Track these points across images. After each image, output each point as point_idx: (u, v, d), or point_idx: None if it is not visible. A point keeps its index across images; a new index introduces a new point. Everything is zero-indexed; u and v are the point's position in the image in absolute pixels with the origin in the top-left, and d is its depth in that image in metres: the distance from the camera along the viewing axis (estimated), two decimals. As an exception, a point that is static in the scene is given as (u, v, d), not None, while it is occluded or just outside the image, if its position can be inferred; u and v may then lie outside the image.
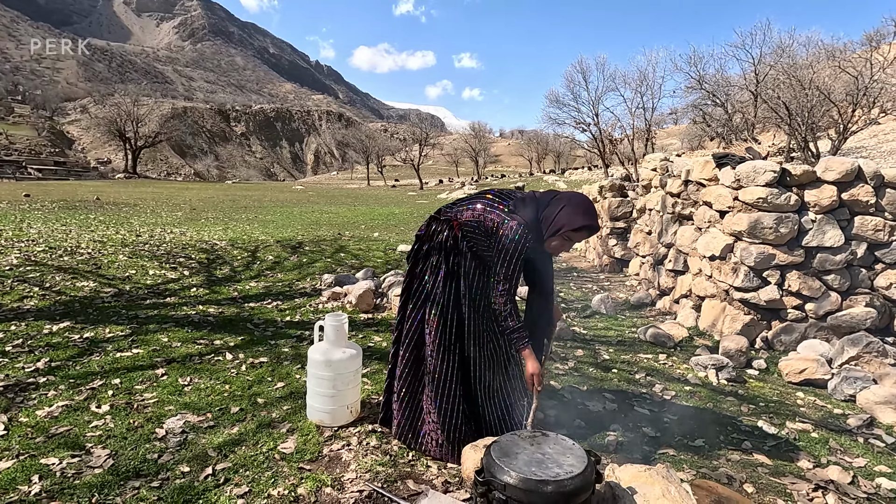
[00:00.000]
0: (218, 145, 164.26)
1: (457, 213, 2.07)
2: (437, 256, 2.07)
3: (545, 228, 1.94)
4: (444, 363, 2.03)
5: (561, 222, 1.90)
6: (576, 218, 1.89)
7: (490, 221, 1.96)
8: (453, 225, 2.05)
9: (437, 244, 2.07)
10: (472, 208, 2.04)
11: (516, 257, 1.90)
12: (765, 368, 3.36)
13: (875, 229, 3.58)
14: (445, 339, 2.02)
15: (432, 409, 2.05)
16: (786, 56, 21.64)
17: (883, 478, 2.10)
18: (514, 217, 1.92)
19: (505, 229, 1.90)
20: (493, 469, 1.42)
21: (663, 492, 1.55)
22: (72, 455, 1.96)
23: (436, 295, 2.03)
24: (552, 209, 1.93)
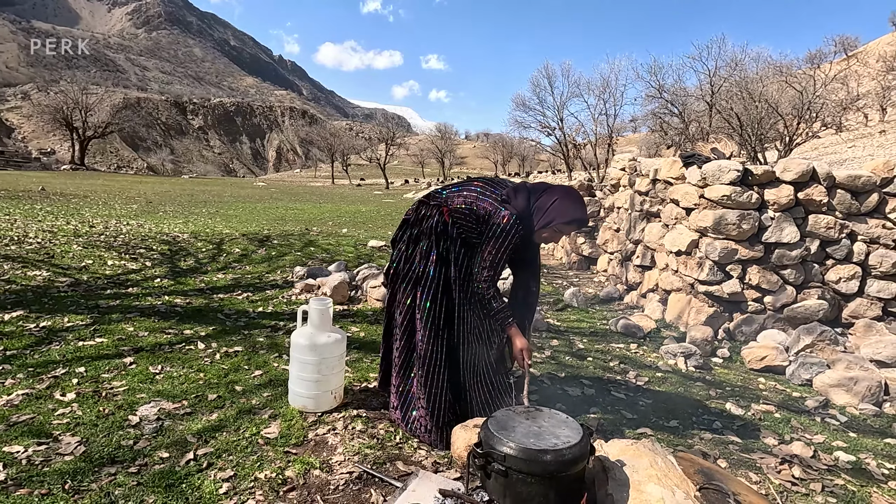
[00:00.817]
0: (173, 139, 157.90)
1: (447, 199, 2.08)
2: (426, 241, 2.06)
3: (537, 219, 1.97)
4: (435, 348, 2.02)
5: (553, 214, 1.94)
6: (567, 211, 1.94)
7: (482, 209, 1.98)
8: (443, 210, 2.05)
9: (427, 228, 2.06)
10: (464, 195, 2.05)
11: (506, 246, 1.94)
12: (728, 357, 3.53)
13: (827, 227, 3.83)
14: (436, 324, 2.01)
15: (422, 394, 2.04)
16: (738, 70, 22.84)
17: (840, 451, 2.25)
18: (507, 206, 1.95)
19: (498, 218, 1.93)
20: (492, 441, 1.43)
21: (651, 463, 1.61)
22: (38, 443, 1.84)
23: (427, 279, 2.02)
24: (545, 201, 1.96)
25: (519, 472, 1.36)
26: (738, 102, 21.03)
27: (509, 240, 1.92)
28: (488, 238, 1.95)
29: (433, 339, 2.01)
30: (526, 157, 64.66)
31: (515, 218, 1.92)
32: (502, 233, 1.92)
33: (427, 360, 2.01)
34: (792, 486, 1.94)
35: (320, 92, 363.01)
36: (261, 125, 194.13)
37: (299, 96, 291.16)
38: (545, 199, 1.96)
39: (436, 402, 2.02)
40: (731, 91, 21.19)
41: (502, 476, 1.39)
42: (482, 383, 2.14)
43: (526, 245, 2.08)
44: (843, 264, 3.88)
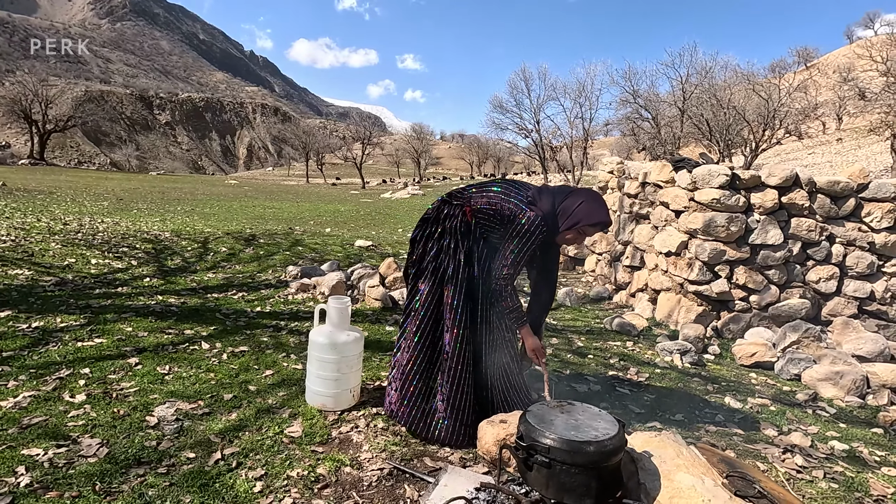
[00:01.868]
0: (139, 134, 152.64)
1: (470, 199, 2.10)
2: (451, 240, 2.07)
3: (562, 221, 2.01)
4: (461, 348, 2.03)
5: (579, 216, 1.98)
6: (593, 213, 1.99)
7: (507, 210, 2.01)
8: (466, 210, 2.08)
9: (451, 228, 2.07)
10: (488, 195, 2.08)
11: (529, 245, 1.98)
12: (719, 353, 3.68)
13: (808, 230, 4.03)
14: (464, 323, 2.04)
15: (446, 393, 2.05)
16: (708, 77, 23.62)
17: (835, 441, 2.39)
18: (533, 208, 1.99)
19: (523, 217, 1.97)
20: (534, 434, 1.48)
21: (677, 453, 1.68)
22: (57, 445, 1.79)
23: (457, 279, 2.03)
24: (570, 203, 2.01)
25: (563, 463, 1.41)
26: (708, 109, 21.78)
27: (534, 239, 1.97)
28: (512, 236, 1.99)
29: (463, 339, 2.03)
30: (501, 158, 65.19)
31: (541, 219, 1.96)
32: (527, 232, 1.96)
33: (456, 360, 2.03)
34: (797, 473, 2.05)
35: (293, 89, 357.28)
36: (231, 122, 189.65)
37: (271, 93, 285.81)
38: (570, 202, 2.00)
39: (461, 402, 2.04)
40: (702, 98, 21.93)
41: (545, 467, 1.44)
42: (501, 379, 2.17)
43: (547, 247, 2.13)
44: (823, 265, 4.09)
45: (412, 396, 2.09)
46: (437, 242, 2.10)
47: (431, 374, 2.11)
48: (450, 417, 2.03)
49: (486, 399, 2.14)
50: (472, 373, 2.07)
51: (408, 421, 2.08)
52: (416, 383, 2.09)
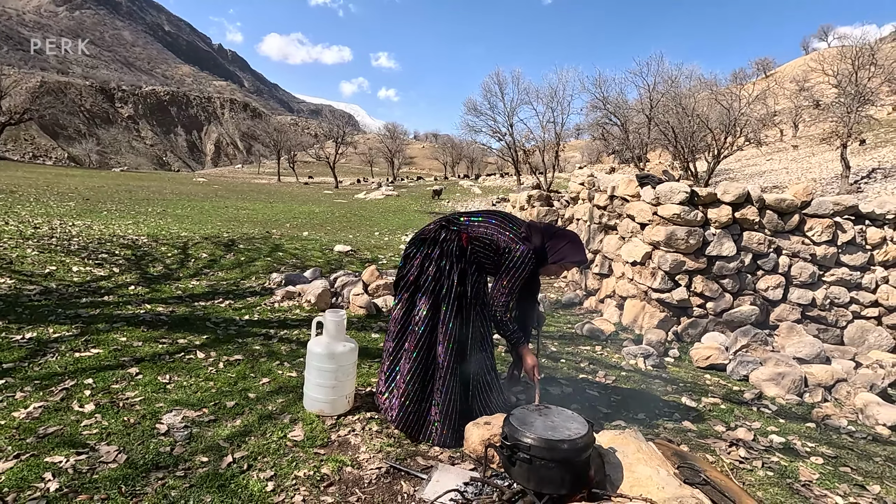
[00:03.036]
0: (99, 128, 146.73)
1: (468, 227, 2.36)
2: (447, 261, 2.29)
3: (550, 255, 2.35)
4: (451, 359, 2.26)
5: (564, 254, 2.36)
6: (576, 253, 2.38)
7: (503, 242, 2.31)
8: (462, 237, 2.32)
9: (448, 251, 2.29)
10: (485, 226, 2.35)
11: (521, 275, 2.29)
12: (678, 356, 4.03)
13: (758, 242, 4.42)
14: (454, 337, 2.27)
15: (439, 400, 2.27)
16: (674, 86, 24.54)
17: (774, 435, 2.73)
18: (526, 243, 2.29)
19: (517, 251, 2.28)
20: (517, 434, 1.72)
21: (637, 448, 1.95)
22: (77, 453, 1.93)
23: (450, 297, 2.26)
24: (557, 242, 2.37)
25: (541, 458, 1.65)
26: (674, 116, 22.64)
27: (525, 270, 2.29)
28: (508, 268, 2.29)
29: (453, 351, 2.26)
30: (475, 159, 65.69)
31: (532, 253, 2.28)
32: (522, 264, 2.27)
33: (447, 370, 2.26)
34: (739, 464, 2.36)
35: (263, 84, 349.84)
36: (198, 117, 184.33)
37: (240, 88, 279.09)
38: (557, 241, 2.36)
39: (451, 408, 2.27)
40: (668, 106, 22.80)
41: (527, 463, 1.68)
42: (485, 394, 2.40)
43: (533, 276, 2.43)
44: (771, 275, 4.50)
45: (410, 405, 2.30)
46: (436, 263, 2.31)
47: (426, 384, 2.33)
48: (441, 422, 2.26)
49: (469, 405, 2.38)
50: (459, 381, 2.31)
51: (406, 426, 2.30)
52: (413, 393, 2.31)
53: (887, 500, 2.14)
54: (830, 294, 4.52)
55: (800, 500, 2.10)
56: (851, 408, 3.19)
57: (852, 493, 2.19)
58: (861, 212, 4.54)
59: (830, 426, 2.96)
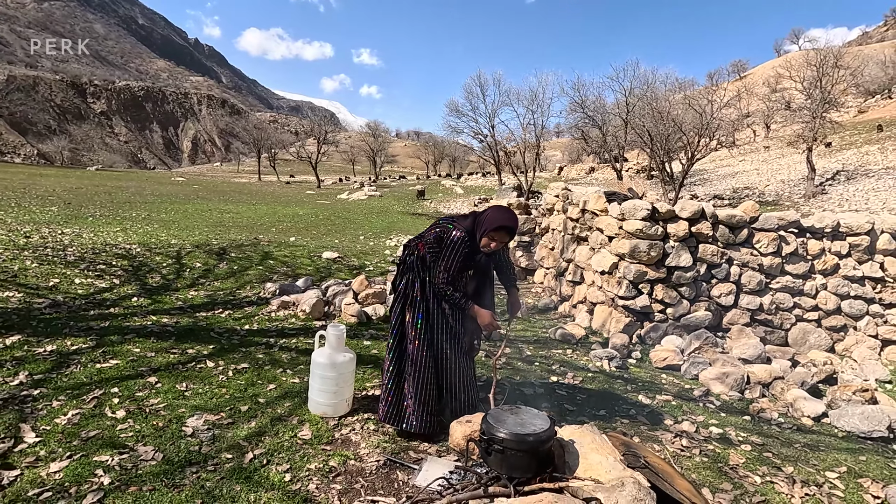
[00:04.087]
0: (70, 123, 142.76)
1: (423, 238, 2.71)
2: (411, 274, 2.69)
3: (478, 232, 2.57)
4: (422, 355, 2.64)
5: (486, 224, 2.55)
6: (495, 219, 2.54)
7: (443, 233, 2.62)
8: (419, 247, 2.69)
9: (411, 264, 2.69)
10: (433, 232, 2.67)
11: (455, 256, 2.53)
12: (640, 358, 4.48)
13: (712, 254, 4.91)
14: (420, 335, 2.64)
15: (413, 391, 2.64)
16: (649, 90, 25.31)
17: (713, 427, 3.18)
18: (456, 227, 2.59)
19: (449, 234, 2.57)
20: (492, 430, 2.11)
21: (592, 440, 2.36)
22: (119, 453, 2.26)
23: (415, 302, 2.64)
24: (482, 217, 2.60)
25: (512, 449, 2.05)
26: (649, 120, 23.39)
27: (457, 249, 2.53)
28: (444, 251, 2.57)
29: (422, 348, 2.64)
30: (457, 158, 66.08)
31: (462, 232, 2.53)
32: (452, 245, 2.54)
33: (418, 364, 2.64)
34: (681, 451, 2.81)
35: (242, 80, 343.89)
36: (174, 113, 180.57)
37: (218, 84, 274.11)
38: (482, 217, 2.60)
39: (426, 397, 2.64)
40: (644, 110, 23.55)
41: (500, 453, 2.07)
42: (458, 386, 2.75)
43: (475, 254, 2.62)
44: (724, 283, 4.99)
45: (388, 397, 2.69)
46: (404, 277, 2.73)
47: (402, 379, 2.70)
48: (417, 410, 2.63)
49: (444, 401, 2.74)
50: (433, 373, 2.68)
51: (386, 416, 2.69)
52: (390, 386, 2.69)
53: (796, 478, 2.60)
54: (776, 300, 5.03)
55: (727, 480, 2.55)
56: (783, 402, 3.67)
57: (770, 473, 2.65)
58: (803, 226, 5.07)
59: (763, 418, 3.44)
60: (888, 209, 15.53)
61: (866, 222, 5.04)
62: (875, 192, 17.81)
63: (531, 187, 27.12)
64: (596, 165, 41.26)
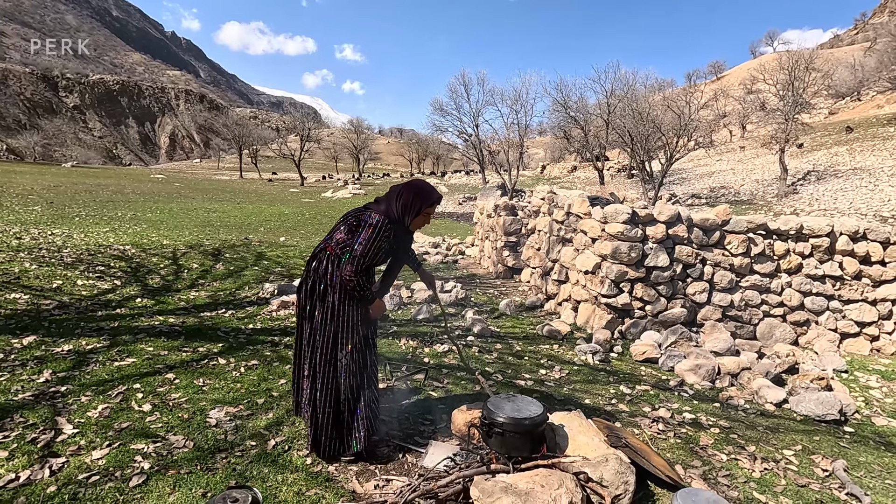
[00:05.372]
0: (42, 118, 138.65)
1: (328, 240, 2.45)
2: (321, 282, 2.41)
3: (408, 213, 2.41)
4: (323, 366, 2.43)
5: (419, 203, 2.42)
6: (427, 197, 2.45)
7: (355, 222, 2.40)
8: (328, 249, 2.42)
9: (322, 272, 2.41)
10: (340, 229, 2.43)
11: (375, 238, 2.29)
12: (621, 352, 4.82)
13: (687, 255, 5.27)
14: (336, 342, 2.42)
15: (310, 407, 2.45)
16: (630, 91, 25.90)
17: (687, 413, 3.52)
18: (374, 211, 2.39)
19: (367, 219, 2.35)
20: (492, 415, 2.39)
21: (579, 424, 2.66)
22: (153, 441, 2.48)
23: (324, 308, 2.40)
24: (406, 198, 2.41)
25: (510, 431, 2.33)
26: (630, 120, 23.97)
27: (378, 232, 2.29)
28: (359, 233, 2.31)
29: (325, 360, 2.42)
30: (441, 156, 66.28)
31: (382, 217, 2.32)
32: (374, 229, 2.29)
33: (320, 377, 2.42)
34: (658, 434, 3.13)
35: (221, 75, 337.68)
36: (151, 108, 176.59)
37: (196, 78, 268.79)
38: (406, 197, 2.41)
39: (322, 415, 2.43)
40: (625, 111, 24.12)
41: (500, 435, 2.35)
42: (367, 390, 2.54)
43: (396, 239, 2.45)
44: (698, 282, 5.36)
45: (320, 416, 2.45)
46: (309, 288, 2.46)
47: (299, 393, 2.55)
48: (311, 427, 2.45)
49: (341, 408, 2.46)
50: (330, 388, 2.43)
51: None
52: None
53: (757, 456, 2.94)
54: (745, 297, 5.42)
55: (697, 458, 2.87)
56: (750, 390, 4.04)
57: (735, 452, 2.98)
58: (769, 228, 5.47)
59: (731, 405, 3.79)
60: (854, 209, 16.32)
61: (826, 225, 5.46)
62: (843, 192, 18.63)
63: (515, 185, 27.55)
64: (578, 164, 41.94)
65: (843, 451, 3.15)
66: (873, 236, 5.49)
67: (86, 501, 2.01)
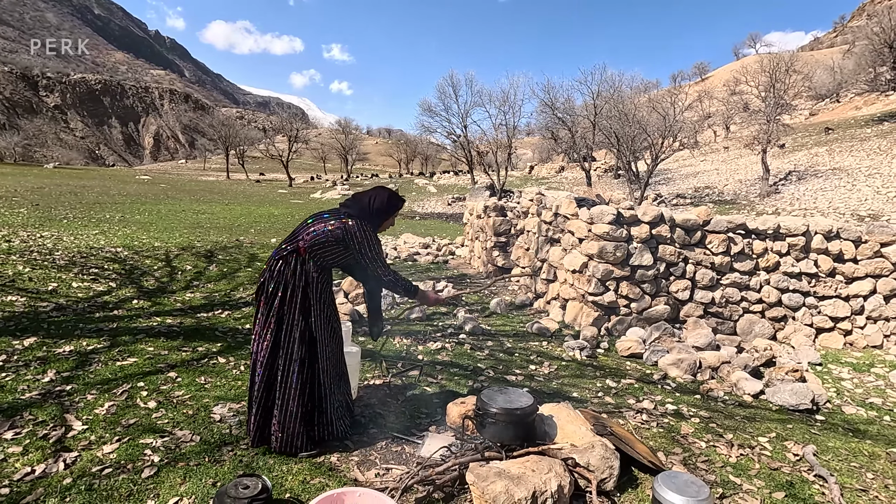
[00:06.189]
0: (21, 118, 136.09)
1: (298, 241, 2.48)
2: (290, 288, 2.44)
3: (380, 216, 2.60)
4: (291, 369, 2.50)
5: (390, 210, 2.65)
6: (395, 202, 2.68)
7: (336, 231, 2.44)
8: (300, 249, 2.45)
9: (290, 274, 2.43)
10: (311, 231, 2.47)
11: (374, 242, 2.51)
12: (608, 348, 5.00)
13: (670, 254, 5.48)
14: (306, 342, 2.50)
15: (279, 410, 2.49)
16: (616, 93, 26.27)
17: (669, 404, 3.70)
18: (349, 217, 2.49)
19: (351, 229, 2.45)
20: (486, 406, 2.53)
21: (567, 415, 2.82)
22: (160, 436, 2.58)
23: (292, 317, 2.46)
24: (380, 202, 2.59)
25: (503, 421, 2.47)
26: (616, 122, 24.33)
27: (370, 236, 2.49)
28: (363, 247, 2.47)
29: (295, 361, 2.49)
30: (429, 156, 66.37)
31: (360, 221, 2.47)
32: (364, 236, 2.47)
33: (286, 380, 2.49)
34: (641, 424, 3.30)
35: (206, 75, 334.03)
36: (134, 107, 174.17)
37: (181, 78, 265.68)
38: (379, 201, 2.60)
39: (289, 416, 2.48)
40: (611, 112, 24.48)
41: (493, 425, 2.49)
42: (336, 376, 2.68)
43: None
44: (680, 280, 5.57)
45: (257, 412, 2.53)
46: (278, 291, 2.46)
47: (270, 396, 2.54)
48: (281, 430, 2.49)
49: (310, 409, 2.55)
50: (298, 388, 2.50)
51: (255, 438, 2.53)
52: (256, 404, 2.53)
53: (734, 443, 3.12)
54: (726, 294, 5.64)
55: (678, 445, 3.04)
56: (729, 383, 4.24)
57: (713, 439, 3.17)
58: (748, 228, 5.69)
59: (711, 396, 3.99)
60: (833, 208, 16.79)
61: (802, 224, 5.70)
62: (822, 192, 19.13)
63: (503, 186, 27.78)
64: (565, 165, 42.34)
65: (814, 437, 3.35)
66: (846, 235, 5.74)
67: (101, 491, 2.12)
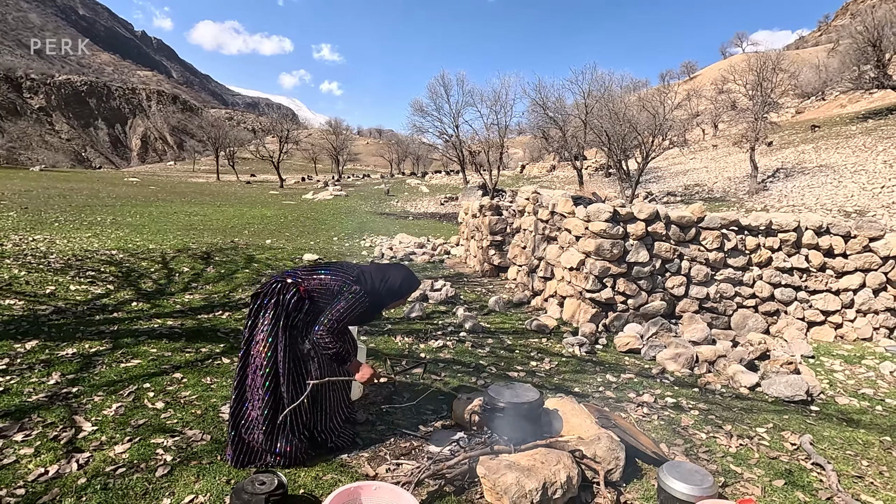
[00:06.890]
0: (5, 120, 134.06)
1: (305, 280, 2.54)
2: (281, 309, 2.46)
3: (392, 296, 2.63)
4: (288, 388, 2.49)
5: (403, 291, 2.68)
6: (412, 286, 2.72)
7: (336, 286, 2.52)
8: (300, 289, 2.51)
9: (284, 301, 2.47)
10: (319, 278, 2.55)
11: (354, 310, 2.46)
12: (606, 344, 5.07)
13: (666, 251, 5.56)
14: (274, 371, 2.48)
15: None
16: (606, 92, 26.47)
17: (668, 397, 3.77)
18: (358, 283, 2.53)
19: (350, 291, 2.48)
20: (494, 401, 2.58)
21: (572, 408, 2.88)
22: (171, 436, 2.60)
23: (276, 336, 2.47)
24: (394, 282, 2.63)
25: (511, 415, 2.52)
26: (607, 121, 24.52)
27: (358, 306, 2.47)
28: (340, 301, 2.46)
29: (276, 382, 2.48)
30: (420, 156, 66.32)
31: (363, 293, 2.49)
32: (354, 300, 2.46)
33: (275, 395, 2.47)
34: (643, 417, 3.37)
35: (194, 75, 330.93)
36: (121, 109, 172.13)
37: (168, 79, 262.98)
38: (393, 282, 2.63)
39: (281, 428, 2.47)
40: (602, 111, 24.67)
41: (500, 419, 2.54)
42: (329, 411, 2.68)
43: (370, 314, 2.62)
44: (676, 276, 5.65)
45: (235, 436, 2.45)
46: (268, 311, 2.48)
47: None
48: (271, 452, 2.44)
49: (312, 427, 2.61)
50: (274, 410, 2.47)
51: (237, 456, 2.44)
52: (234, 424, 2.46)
53: (733, 434, 3.20)
54: (720, 290, 5.74)
55: (679, 437, 3.12)
56: (725, 376, 4.33)
57: (713, 431, 3.24)
58: (741, 224, 5.80)
59: (709, 390, 4.07)
60: (820, 204, 17.07)
61: (793, 220, 5.82)
62: (810, 189, 19.43)
63: (496, 185, 27.88)
64: (557, 164, 42.58)
65: (810, 427, 3.44)
66: (836, 230, 5.87)
67: (117, 490, 2.14)
